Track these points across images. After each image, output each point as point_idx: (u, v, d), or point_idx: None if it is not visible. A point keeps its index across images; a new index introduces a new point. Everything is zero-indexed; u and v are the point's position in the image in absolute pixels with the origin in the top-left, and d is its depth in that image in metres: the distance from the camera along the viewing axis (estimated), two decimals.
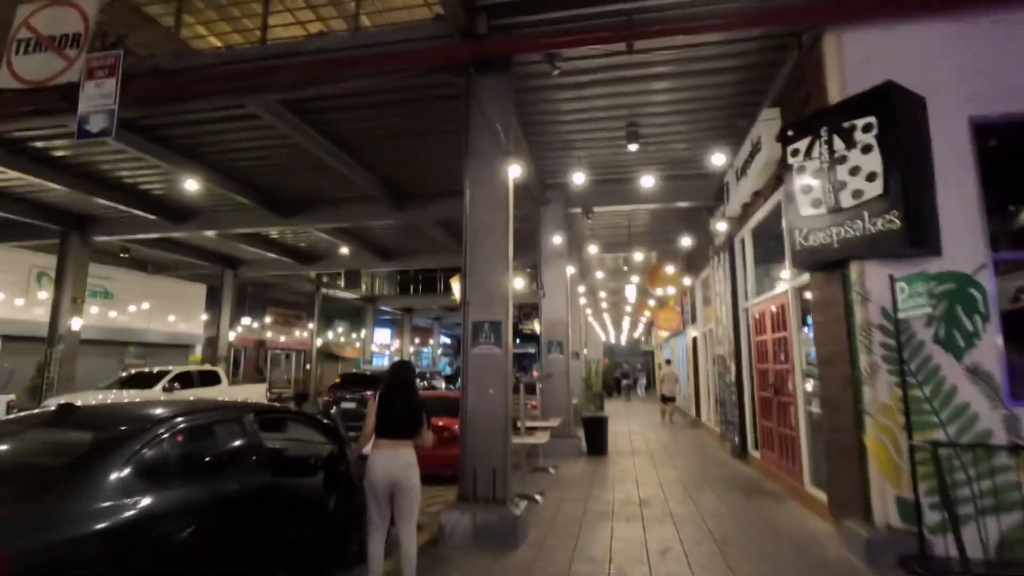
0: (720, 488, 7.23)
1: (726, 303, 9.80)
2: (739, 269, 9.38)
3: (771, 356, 7.52)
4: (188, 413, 3.38)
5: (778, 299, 7.15)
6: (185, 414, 3.35)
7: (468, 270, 5.67)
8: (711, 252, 11.15)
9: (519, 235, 15.12)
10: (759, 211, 7.82)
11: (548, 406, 10.35)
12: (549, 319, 10.78)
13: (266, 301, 24.54)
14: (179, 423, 3.23)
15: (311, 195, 11.90)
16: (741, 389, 9.18)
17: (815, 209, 5.14)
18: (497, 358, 5.46)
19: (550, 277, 10.97)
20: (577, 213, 11.42)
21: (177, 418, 3.26)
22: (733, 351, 9.38)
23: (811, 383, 6.30)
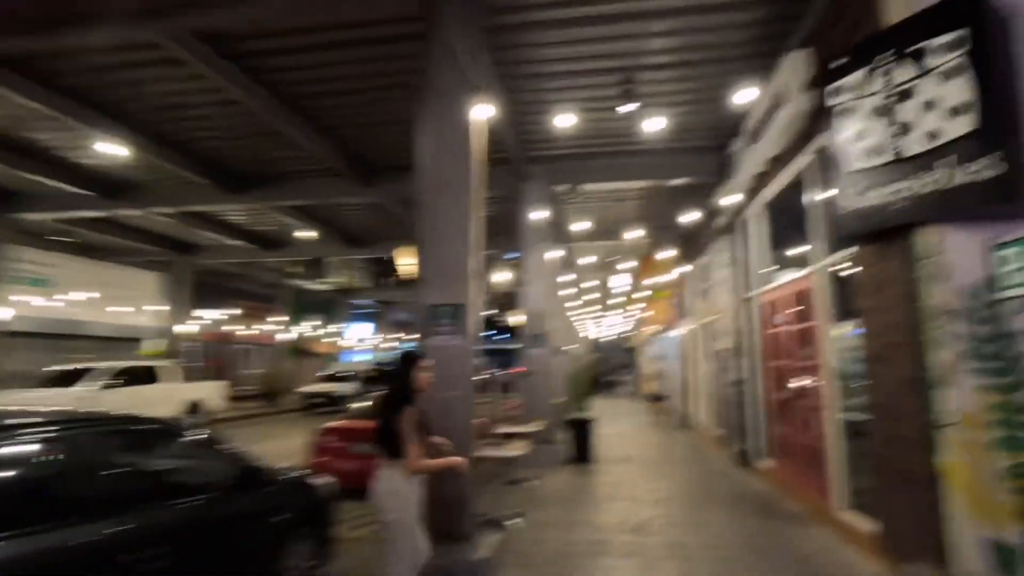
0: (729, 507, 6.09)
1: (730, 292, 8.67)
2: (746, 252, 8.24)
3: (790, 351, 6.38)
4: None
5: (801, 283, 6.00)
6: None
7: (423, 240, 4.42)
8: (710, 236, 10.01)
9: (499, 219, 13.92)
10: (775, 181, 6.67)
11: (530, 407, 9.13)
12: (530, 310, 9.57)
13: (231, 292, 22.98)
14: None
15: (265, 168, 10.54)
16: (746, 389, 8.06)
17: (870, 161, 3.98)
18: (458, 350, 4.25)
19: (532, 263, 9.76)
20: (562, 193, 10.23)
21: None
22: (737, 346, 8.25)
23: (845, 384, 5.17)
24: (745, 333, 8.14)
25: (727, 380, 8.95)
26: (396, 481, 3.06)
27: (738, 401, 8.29)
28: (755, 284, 7.63)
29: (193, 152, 9.67)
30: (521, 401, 9.40)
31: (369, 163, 10.10)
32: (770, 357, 7.13)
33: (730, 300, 8.66)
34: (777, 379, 6.88)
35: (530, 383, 9.24)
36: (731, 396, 8.73)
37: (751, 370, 8.02)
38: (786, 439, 6.56)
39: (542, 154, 9.41)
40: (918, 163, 3.69)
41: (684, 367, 14.48)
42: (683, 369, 14.65)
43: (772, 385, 7.05)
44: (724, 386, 9.18)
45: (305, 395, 18.98)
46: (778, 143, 6.15)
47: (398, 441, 3.05)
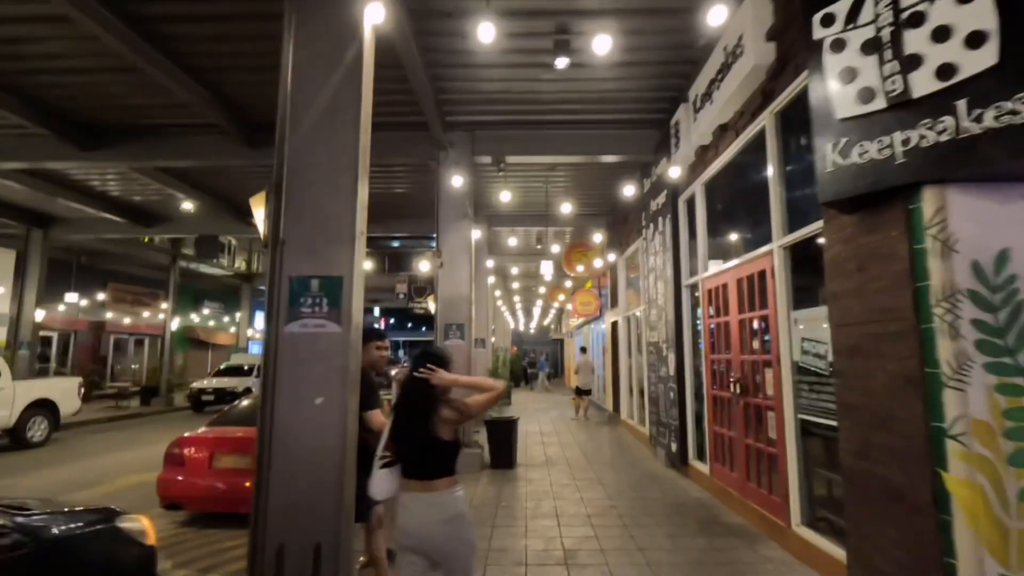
0: (669, 523, 5.30)
1: (664, 279, 7.97)
2: (686, 236, 7.55)
3: (737, 343, 5.68)
4: None
5: (753, 266, 5.28)
6: None
7: (285, 185, 3.17)
8: (644, 220, 9.31)
9: (413, 197, 12.61)
10: (725, 152, 5.93)
11: None
12: (448, 296, 8.43)
13: (106, 275, 20.03)
14: None
15: (125, 119, 8.63)
16: (682, 385, 7.38)
17: (864, 106, 3.19)
18: (332, 342, 3.05)
19: (450, 242, 8.60)
20: (486, 166, 9.14)
21: None
22: (673, 338, 7.55)
23: (805, 381, 4.47)
24: (684, 323, 7.45)
25: (660, 374, 8.28)
26: (455, 500, 2.49)
27: (673, 398, 7.60)
28: (697, 270, 6.93)
29: (16, 89, 7.65)
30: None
31: (256, 120, 8.51)
32: (713, 349, 6.43)
33: (665, 288, 7.95)
34: (720, 374, 6.19)
35: None
36: (664, 392, 8.06)
37: (689, 364, 7.34)
38: (729, 441, 5.88)
39: (463, 119, 8.28)
40: (925, 108, 2.92)
41: (611, 360, 13.90)
42: (610, 362, 14.07)
43: (714, 381, 6.37)
44: (656, 381, 8.51)
45: (195, 391, 16.78)
46: (730, 106, 5.39)
47: (446, 452, 2.52)
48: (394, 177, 11.17)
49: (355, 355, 3.08)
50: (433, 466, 2.49)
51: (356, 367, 3.08)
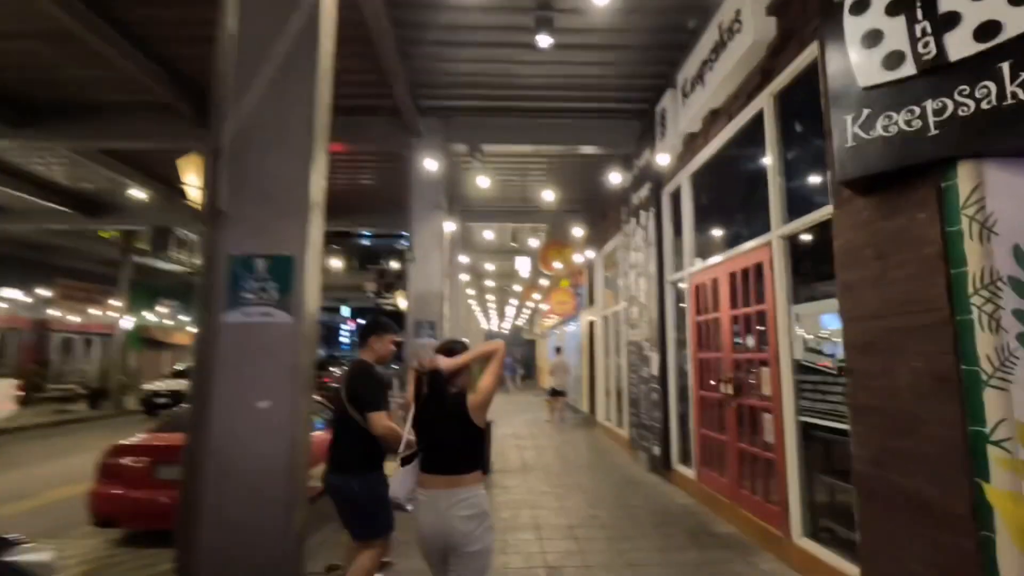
0: (655, 532, 4.93)
1: (647, 275, 7.64)
2: (670, 229, 7.22)
3: (728, 341, 5.35)
4: None
5: (747, 258, 4.95)
6: None
7: (223, 145, 2.66)
8: (624, 216, 8.98)
9: (382, 190, 12.03)
10: (716, 139, 5.60)
11: None
12: (419, 291, 7.92)
13: (52, 270, 18.79)
14: None
15: (59, 93, 7.87)
16: (665, 386, 7.05)
17: (890, 72, 2.86)
18: (282, 334, 2.55)
19: (423, 235, 8.11)
20: (460, 155, 8.69)
21: None
22: (656, 336, 7.22)
23: (807, 381, 4.14)
24: (667, 321, 7.12)
25: (641, 375, 7.94)
26: (480, 498, 2.41)
27: (655, 399, 7.27)
28: (683, 265, 6.59)
29: None
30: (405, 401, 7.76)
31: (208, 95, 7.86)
32: (701, 348, 6.10)
33: (648, 285, 7.62)
34: (709, 374, 5.86)
35: None
36: (646, 393, 7.72)
37: (673, 364, 7.01)
38: (719, 445, 5.54)
39: (438, 104, 7.80)
40: (963, 73, 2.60)
41: (587, 360, 13.56)
42: (586, 363, 13.74)
43: (702, 381, 6.03)
44: (637, 382, 8.17)
45: (148, 394, 15.78)
46: (723, 88, 5.06)
47: (479, 443, 2.47)
48: (362, 167, 10.60)
49: (309, 349, 2.59)
50: (464, 459, 2.42)
51: (309, 363, 2.60)
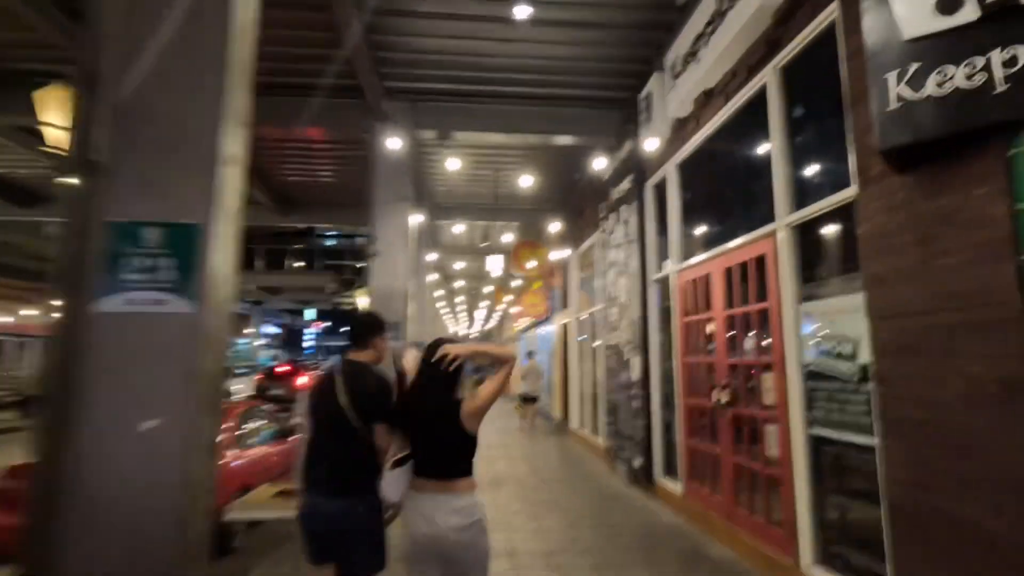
0: (644, 558, 4.38)
1: (628, 274, 7.14)
2: (653, 224, 6.74)
3: (723, 343, 4.86)
4: None
5: (747, 252, 4.48)
6: None
7: (99, 74, 1.98)
8: (603, 212, 8.49)
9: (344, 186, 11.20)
10: (710, 123, 5.13)
11: None
12: (382, 289, 7.24)
13: None
14: None
15: None
16: (648, 392, 6.55)
17: (945, 17, 2.39)
18: (178, 328, 1.90)
19: (387, 228, 7.43)
20: (428, 143, 8.07)
21: None
22: (639, 339, 6.72)
23: (818, 388, 3.66)
24: (651, 323, 6.63)
25: (621, 381, 7.43)
26: (474, 507, 2.26)
27: (636, 407, 6.76)
28: (669, 262, 6.10)
29: None
30: None
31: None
32: (689, 351, 5.61)
33: (629, 284, 7.12)
34: (698, 380, 5.37)
35: None
36: (625, 400, 7.20)
37: (657, 369, 6.51)
38: (711, 459, 5.04)
39: (405, 85, 7.15)
40: None
41: (561, 365, 13.03)
42: (559, 368, 13.20)
43: (692, 387, 5.54)
44: (616, 388, 7.65)
45: None
46: (725, 60, 4.58)
47: (469, 448, 2.32)
48: (321, 159, 9.81)
49: (216, 350, 1.95)
50: (455, 464, 2.31)
51: (217, 369, 1.95)
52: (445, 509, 2.21)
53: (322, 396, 2.47)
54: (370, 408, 2.43)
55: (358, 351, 2.61)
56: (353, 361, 2.57)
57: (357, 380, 2.48)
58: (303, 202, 12.05)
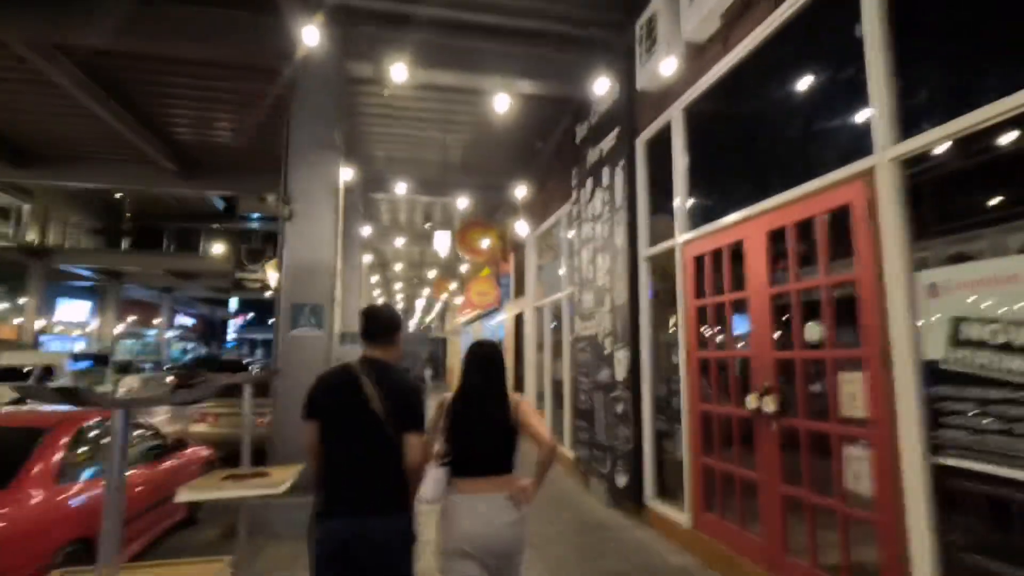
0: None
1: (611, 250, 5.86)
2: (645, 188, 5.48)
3: (766, 331, 3.61)
4: None
5: (814, 204, 3.24)
6: None
7: None
8: (575, 180, 7.17)
9: (261, 151, 9.12)
10: (748, 39, 3.86)
11: (285, 440, 5.13)
12: (299, 262, 5.56)
13: None
14: None
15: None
16: (638, 394, 5.29)
17: None
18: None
19: (307, 182, 5.74)
20: (363, 88, 6.46)
21: None
22: (626, 329, 5.45)
23: (946, 398, 2.46)
24: (642, 309, 5.37)
25: (598, 379, 6.14)
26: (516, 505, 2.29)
27: (621, 412, 5.49)
28: (672, 232, 4.82)
29: None
30: (272, 419, 5.36)
31: None
32: (704, 344, 4.37)
33: (612, 263, 5.84)
34: (721, 379, 4.13)
35: (289, 390, 5.26)
36: (604, 403, 5.93)
37: (649, 365, 5.26)
38: (739, 483, 3.81)
39: (334, 2, 5.51)
40: None
41: (514, 360, 11.66)
42: (512, 363, 11.83)
43: (706, 389, 4.30)
44: (591, 388, 6.36)
45: None
46: None
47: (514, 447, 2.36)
48: (222, 103, 7.86)
49: None
50: (508, 460, 2.35)
51: None
52: (501, 506, 2.25)
53: (343, 400, 2.21)
54: (410, 416, 2.24)
55: (380, 348, 2.37)
56: (377, 360, 2.33)
57: (391, 384, 2.25)
58: (208, 164, 9.99)
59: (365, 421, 2.14)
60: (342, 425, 2.18)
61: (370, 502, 2.12)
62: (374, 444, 2.15)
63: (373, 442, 2.15)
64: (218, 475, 3.59)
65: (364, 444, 2.16)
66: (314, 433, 2.22)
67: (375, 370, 2.25)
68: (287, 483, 3.37)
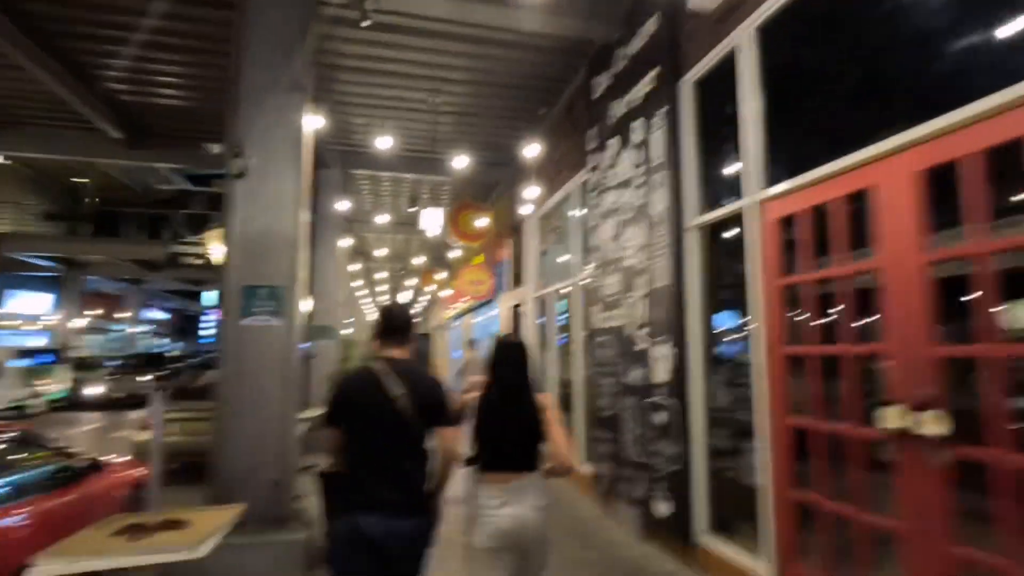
0: None
1: (647, 220, 4.72)
2: (692, 142, 4.35)
3: (918, 318, 2.49)
4: None
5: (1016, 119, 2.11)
6: None
7: None
8: (593, 142, 6.02)
9: (206, 107, 6.85)
10: None
11: (230, 458, 3.91)
12: (250, 231, 4.31)
13: None
14: None
15: None
16: (685, 401, 4.16)
17: None
18: None
19: (263, 132, 4.48)
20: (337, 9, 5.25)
21: None
22: (668, 320, 4.32)
23: None
24: (688, 291, 4.24)
25: (628, 381, 5.00)
26: (546, 489, 2.43)
27: (661, 423, 4.36)
28: (750, 185, 3.66)
29: None
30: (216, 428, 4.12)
31: None
32: (795, 336, 3.24)
33: (648, 236, 4.70)
34: (828, 386, 3.00)
35: (236, 393, 4.02)
36: (637, 411, 4.79)
37: (701, 364, 4.13)
38: (865, 531, 2.70)
39: None
40: None
41: None
42: None
43: (803, 398, 3.17)
44: (617, 391, 5.23)
45: None
46: None
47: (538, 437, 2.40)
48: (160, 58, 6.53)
49: None
50: (532, 459, 2.41)
51: None
52: (533, 495, 2.33)
53: (369, 402, 2.18)
54: (440, 411, 2.26)
55: (397, 347, 2.35)
56: (397, 360, 2.30)
57: (416, 381, 2.23)
58: (159, 131, 8.64)
59: (392, 421, 2.15)
60: (369, 426, 2.17)
61: (401, 502, 2.13)
62: (402, 444, 2.18)
63: (401, 442, 2.18)
64: (115, 523, 2.57)
65: (392, 444, 2.17)
66: (338, 439, 2.21)
67: (398, 369, 2.24)
68: (211, 541, 2.19)
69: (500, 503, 2.29)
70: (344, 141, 8.93)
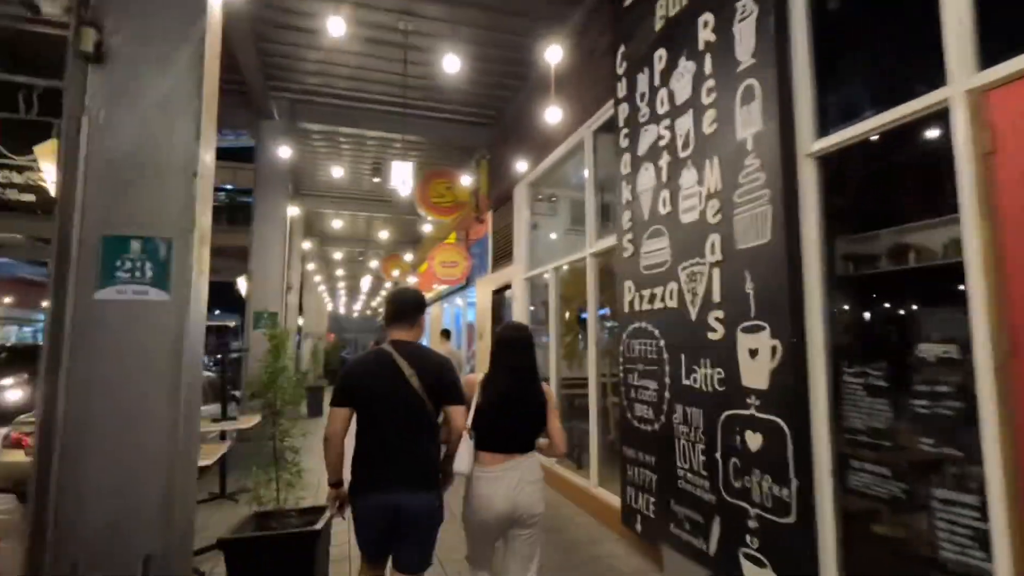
0: None
1: (731, 152, 3.28)
2: (804, 38, 2.91)
3: None
4: None
5: None
6: None
7: None
8: (621, 67, 4.54)
9: None
10: None
11: (73, 506, 2.27)
12: (115, 151, 2.64)
13: None
14: None
15: None
16: (799, 423, 2.74)
17: None
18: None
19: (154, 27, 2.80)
20: None
21: None
22: (771, 295, 2.89)
23: None
24: (807, 254, 2.81)
25: (679, 385, 3.55)
26: (539, 469, 2.49)
27: (758, 448, 2.93)
28: (957, 70, 2.21)
29: None
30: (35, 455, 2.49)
31: None
32: None
33: (721, 176, 3.26)
34: None
35: (82, 409, 2.39)
36: (698, 428, 3.35)
37: (828, 361, 2.71)
38: None
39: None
40: None
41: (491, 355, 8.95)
42: (486, 355, 9.12)
43: None
44: (659, 400, 3.77)
45: None
46: None
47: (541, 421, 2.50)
48: None
49: None
50: (528, 442, 2.48)
51: None
52: (529, 476, 2.39)
53: (384, 382, 2.31)
54: (451, 390, 2.39)
55: (406, 330, 2.48)
56: (407, 342, 2.45)
57: (426, 361, 2.39)
58: None
59: (407, 400, 2.28)
60: (385, 406, 2.28)
61: (413, 478, 2.27)
62: (415, 421, 2.30)
63: (414, 419, 2.30)
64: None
65: (406, 422, 2.29)
66: (345, 420, 2.27)
67: (408, 351, 2.37)
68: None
69: (501, 484, 2.34)
70: (291, 83, 7.20)
